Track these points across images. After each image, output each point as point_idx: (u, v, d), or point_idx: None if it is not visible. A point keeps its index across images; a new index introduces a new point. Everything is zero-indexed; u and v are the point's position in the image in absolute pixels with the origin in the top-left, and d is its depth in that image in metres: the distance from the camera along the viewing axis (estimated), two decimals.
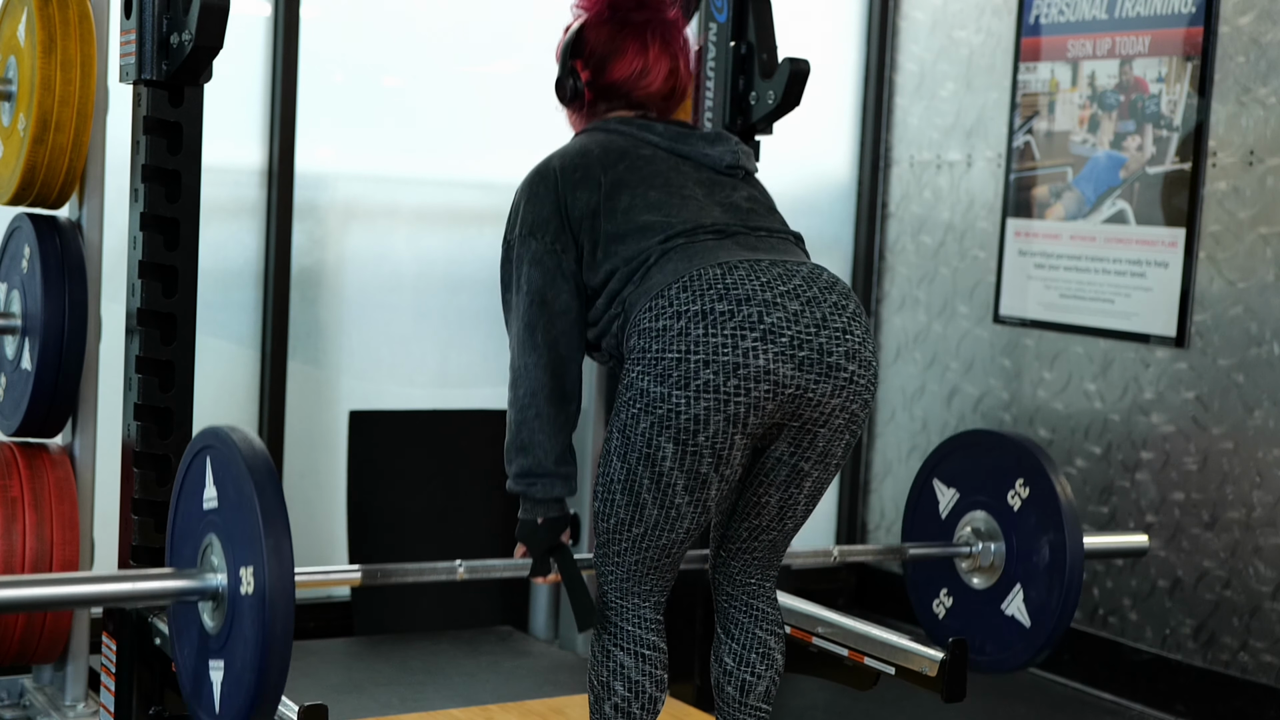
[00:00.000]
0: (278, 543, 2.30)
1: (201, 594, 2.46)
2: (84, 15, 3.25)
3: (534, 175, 2.70)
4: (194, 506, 2.53)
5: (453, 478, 4.74)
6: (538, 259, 2.61)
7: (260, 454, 2.40)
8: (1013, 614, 3.16)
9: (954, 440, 3.38)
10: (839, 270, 5.47)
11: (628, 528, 2.62)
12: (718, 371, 2.41)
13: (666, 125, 2.75)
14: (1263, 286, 4.20)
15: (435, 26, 4.77)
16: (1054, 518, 3.11)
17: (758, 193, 2.77)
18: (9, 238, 3.56)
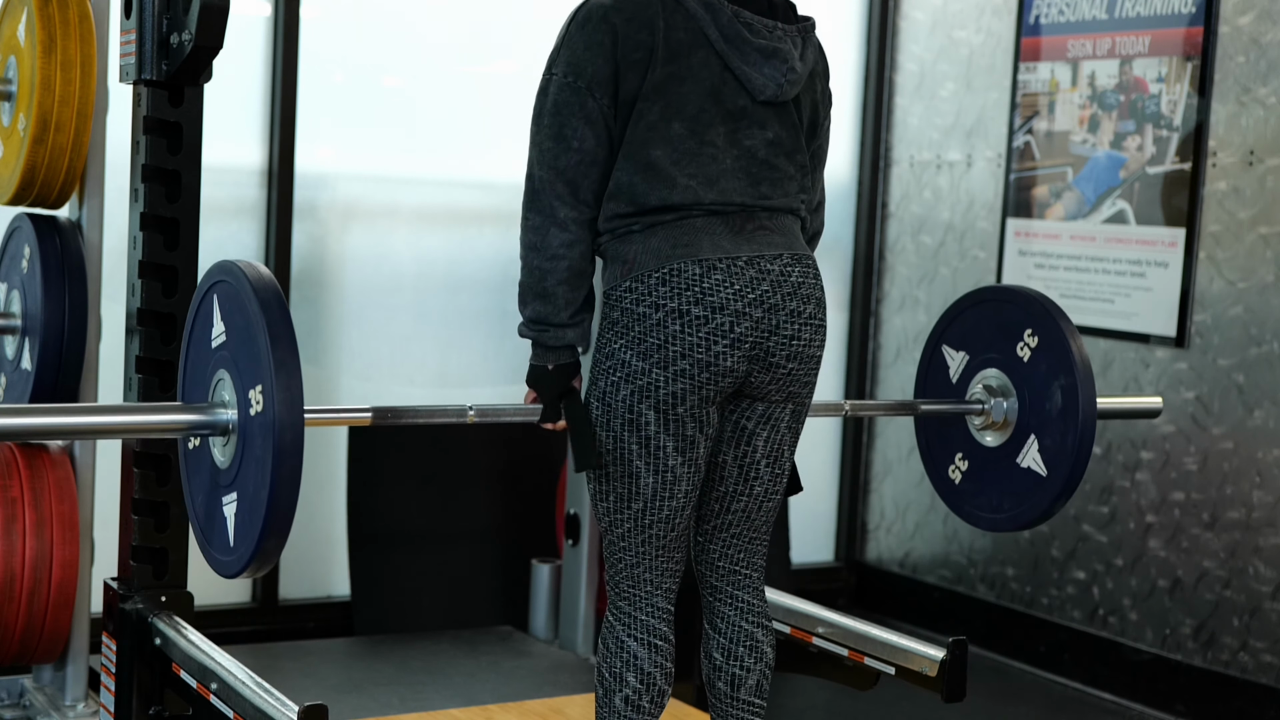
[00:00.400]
0: (284, 358, 2.30)
1: (212, 428, 2.44)
2: (84, 15, 3.25)
3: (593, 18, 2.64)
4: (203, 347, 2.52)
5: (452, 478, 4.74)
6: (592, 119, 2.63)
7: (267, 280, 2.39)
8: (1029, 465, 3.13)
9: (960, 302, 3.34)
10: (839, 271, 5.48)
11: (627, 503, 2.64)
12: (693, 364, 2.60)
13: (738, 9, 2.68)
14: (1263, 286, 4.20)
15: (435, 26, 4.77)
16: (1064, 361, 3.09)
17: (789, 129, 2.75)
18: (9, 238, 3.56)
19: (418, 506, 4.69)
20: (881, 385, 5.44)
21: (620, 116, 2.65)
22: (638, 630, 2.69)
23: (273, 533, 2.35)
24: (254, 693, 2.62)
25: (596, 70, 2.62)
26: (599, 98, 2.63)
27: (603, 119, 2.63)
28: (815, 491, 5.49)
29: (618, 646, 2.69)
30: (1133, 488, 4.53)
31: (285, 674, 4.08)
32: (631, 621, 2.69)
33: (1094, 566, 4.64)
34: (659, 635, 2.69)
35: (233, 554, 2.44)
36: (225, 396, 2.45)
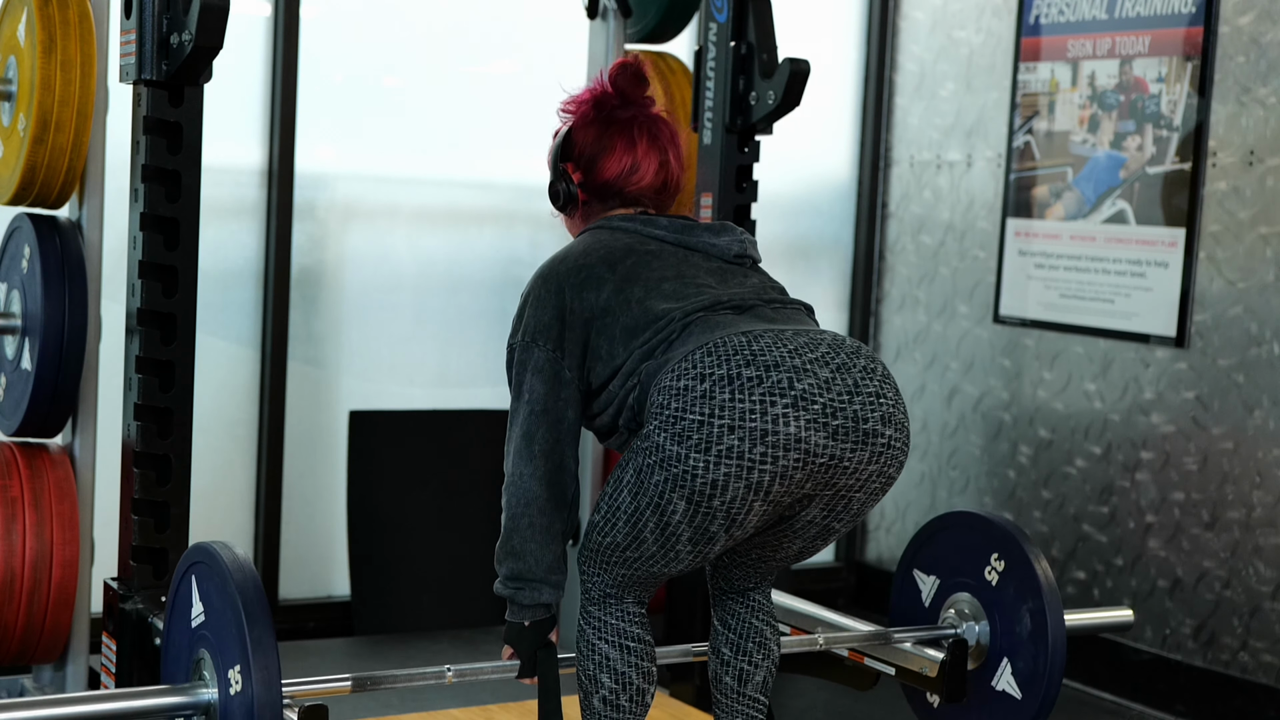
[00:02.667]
0: (260, 637, 2.38)
1: (194, 708, 2.48)
2: (84, 15, 3.25)
3: (538, 279, 2.67)
4: (184, 625, 2.56)
5: (452, 478, 4.74)
6: (539, 368, 2.61)
7: (242, 562, 2.45)
8: (1003, 689, 3.17)
9: (927, 528, 3.39)
10: (839, 271, 5.48)
11: (622, 550, 2.61)
12: (743, 438, 2.36)
13: (670, 219, 2.74)
14: (1263, 286, 4.20)
15: (435, 26, 4.77)
16: (1031, 585, 3.14)
17: (768, 280, 2.76)
18: (9, 238, 3.56)
19: (418, 507, 4.69)
20: None
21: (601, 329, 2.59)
22: (607, 633, 2.70)
23: None
24: None
25: (537, 320, 2.62)
26: (544, 345, 2.61)
27: (549, 365, 2.60)
28: None
29: (589, 649, 2.71)
30: (1133, 487, 4.53)
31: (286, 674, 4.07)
32: (601, 625, 2.71)
33: (1094, 566, 4.64)
34: (630, 637, 2.70)
35: None
36: (206, 675, 2.48)
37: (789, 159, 5.02)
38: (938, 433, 5.17)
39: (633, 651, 2.70)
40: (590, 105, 2.79)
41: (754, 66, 3.68)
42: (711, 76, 3.76)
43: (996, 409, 4.97)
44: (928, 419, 5.23)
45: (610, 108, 2.78)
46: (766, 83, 3.63)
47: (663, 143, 2.78)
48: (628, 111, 2.77)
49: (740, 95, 3.70)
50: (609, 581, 2.68)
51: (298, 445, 4.60)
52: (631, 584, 2.68)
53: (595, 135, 2.77)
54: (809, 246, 5.39)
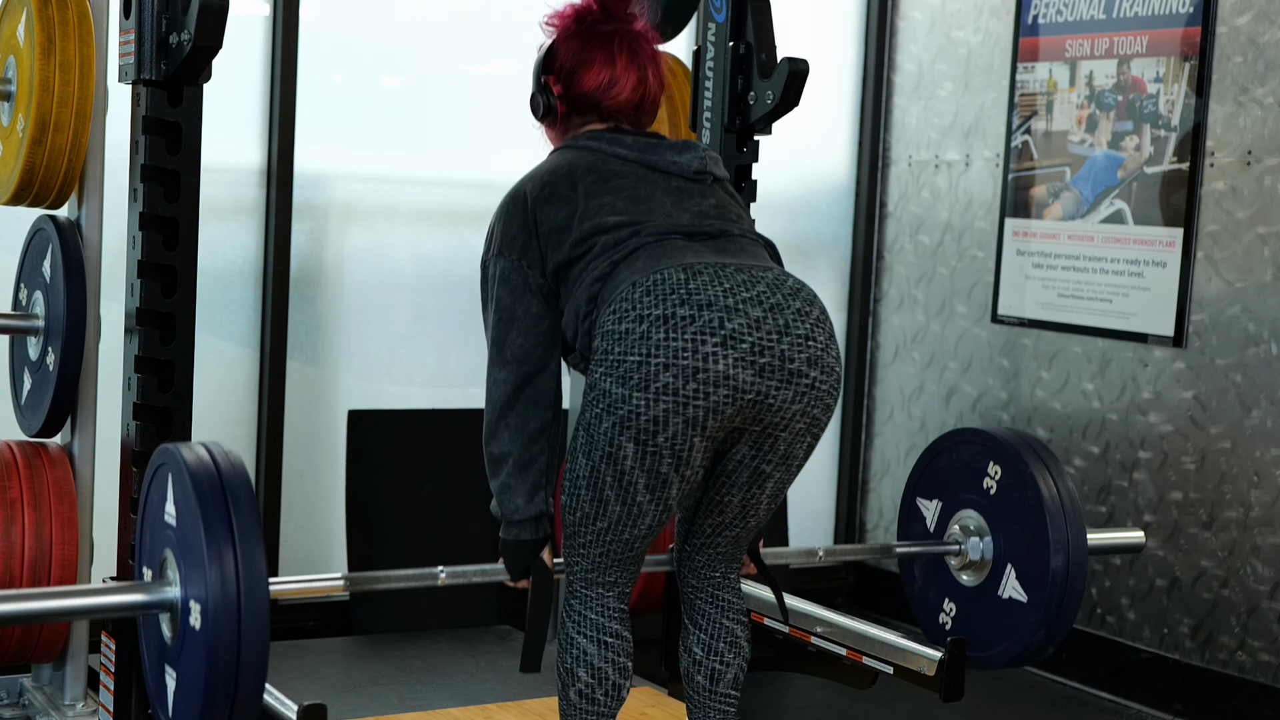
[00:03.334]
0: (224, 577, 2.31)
1: (158, 607, 2.46)
2: (83, 16, 3.25)
3: (507, 198, 2.75)
4: (155, 525, 2.55)
5: (451, 477, 4.74)
6: (505, 277, 2.67)
7: (204, 463, 2.40)
8: (1009, 596, 3.15)
9: (924, 455, 3.39)
10: (837, 271, 5.48)
11: (592, 521, 2.68)
12: (677, 375, 2.46)
13: (635, 137, 2.78)
14: (1260, 286, 4.20)
15: (435, 26, 4.77)
16: (1026, 485, 3.11)
17: (728, 199, 2.81)
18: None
19: (417, 506, 4.69)
20: (880, 385, 5.44)
21: (554, 240, 2.66)
22: (587, 628, 2.75)
23: (210, 712, 2.35)
24: None
25: (505, 231, 2.69)
26: (509, 255, 2.67)
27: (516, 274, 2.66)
28: (814, 491, 5.49)
29: (569, 643, 2.76)
30: (1131, 487, 4.53)
31: (284, 673, 4.08)
32: (582, 620, 2.76)
33: (1092, 566, 4.64)
34: (609, 633, 2.75)
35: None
36: (171, 575, 2.46)
37: (788, 159, 5.02)
38: (936, 432, 5.18)
39: (610, 647, 2.75)
40: (573, 19, 2.84)
41: (752, 66, 3.68)
42: (710, 76, 3.76)
43: (995, 408, 4.98)
44: (926, 418, 5.23)
45: (592, 21, 2.82)
46: (765, 83, 3.64)
47: (642, 59, 2.82)
48: (609, 26, 2.81)
49: (739, 95, 3.70)
50: (588, 565, 2.74)
51: (297, 444, 4.60)
52: (609, 563, 2.73)
53: (576, 48, 2.81)
54: (807, 246, 5.39)
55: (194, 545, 2.34)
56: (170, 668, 2.46)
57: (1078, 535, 3.09)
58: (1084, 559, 3.10)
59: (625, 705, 3.66)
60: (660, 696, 3.88)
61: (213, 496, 2.35)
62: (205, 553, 2.30)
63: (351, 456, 4.60)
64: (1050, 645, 3.16)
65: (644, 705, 3.79)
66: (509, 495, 2.67)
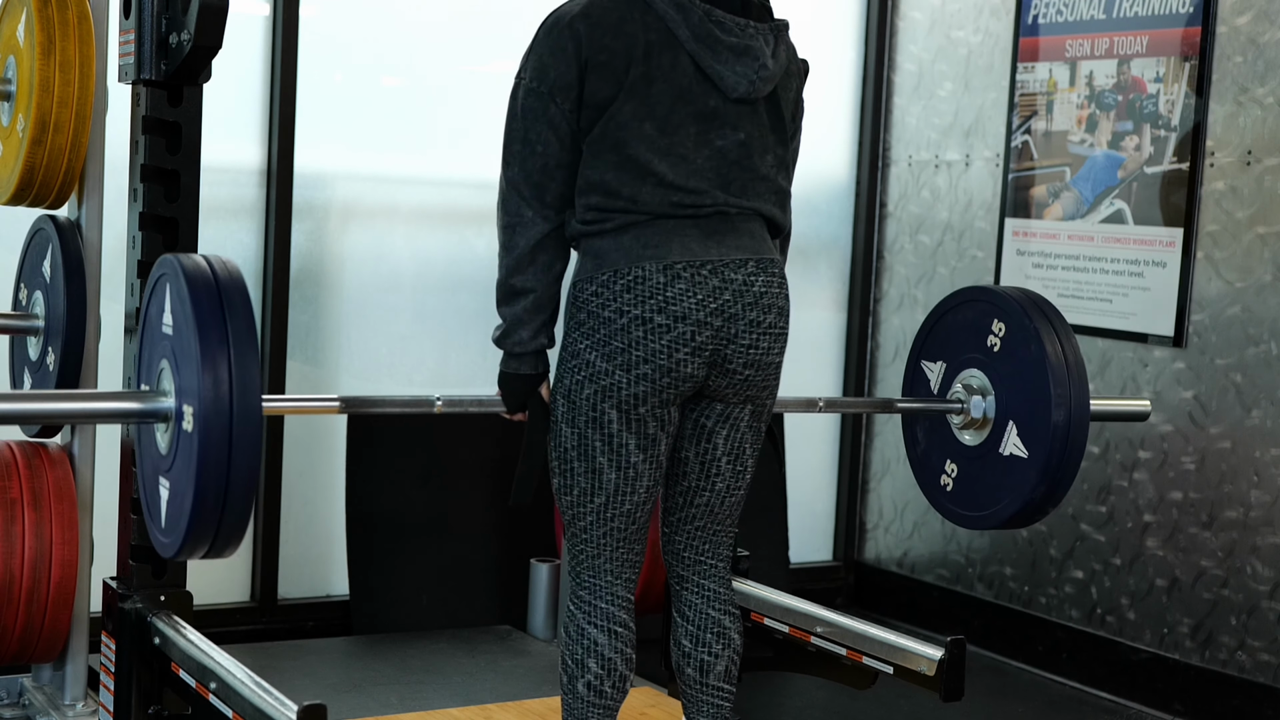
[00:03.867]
0: (216, 379, 2.29)
1: (153, 416, 2.46)
2: (83, 16, 3.25)
3: (561, 24, 2.70)
4: (154, 336, 2.53)
5: (451, 477, 4.74)
6: (555, 124, 2.69)
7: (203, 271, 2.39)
8: (1010, 452, 3.12)
9: (930, 317, 3.35)
10: (837, 270, 5.48)
11: (590, 497, 2.74)
12: (655, 369, 2.68)
13: (709, 7, 2.70)
14: (1260, 286, 4.20)
15: (435, 26, 4.77)
16: (1029, 340, 3.06)
17: (762, 128, 2.78)
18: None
19: (417, 505, 4.69)
20: (880, 385, 5.44)
21: (587, 119, 2.70)
22: (598, 618, 2.77)
23: (195, 534, 2.37)
24: (253, 692, 2.63)
25: (560, 75, 2.68)
26: (561, 103, 2.68)
27: (566, 124, 2.70)
28: (813, 491, 5.49)
29: (579, 634, 2.78)
30: (1130, 487, 4.53)
31: (284, 673, 4.08)
32: (592, 610, 2.78)
33: (1092, 566, 4.65)
34: (618, 623, 2.78)
35: (166, 537, 2.49)
36: (166, 385, 2.45)
37: None
38: None
39: (619, 637, 2.77)
40: None
41: None
42: None
43: None
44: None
45: None
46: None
47: None
48: None
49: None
50: (594, 550, 2.77)
51: (297, 444, 4.60)
52: (615, 543, 2.75)
53: None
54: (807, 246, 5.39)
55: (188, 351, 2.33)
56: (164, 478, 2.47)
57: (1080, 392, 3.06)
58: (1085, 416, 3.07)
59: (625, 705, 3.66)
60: (660, 696, 3.88)
61: (208, 303, 2.33)
62: (199, 358, 2.29)
63: (351, 456, 4.60)
64: (1050, 503, 3.12)
65: (644, 705, 3.79)
66: (518, 328, 2.73)
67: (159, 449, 2.50)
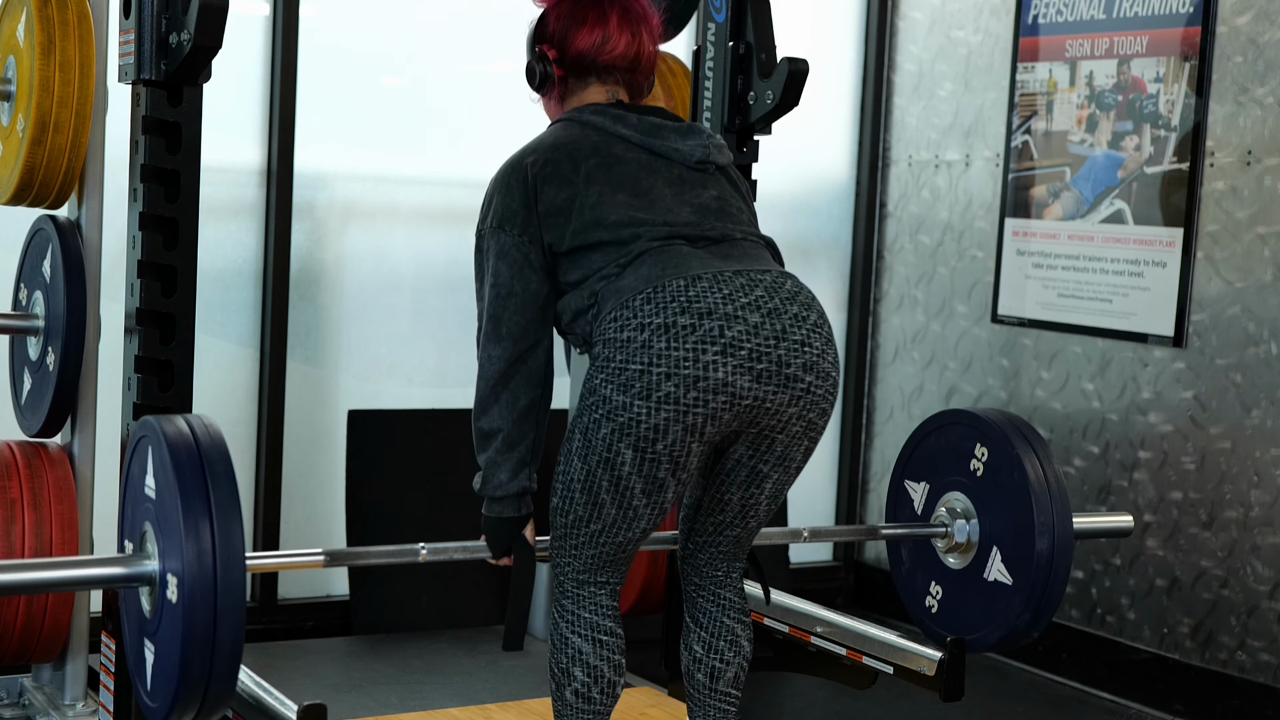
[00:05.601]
0: (200, 551, 2.30)
1: (137, 580, 2.46)
2: (83, 16, 3.25)
3: (507, 167, 2.74)
4: (136, 497, 2.54)
5: (451, 477, 4.74)
6: (505, 251, 2.66)
7: (185, 437, 2.39)
8: (995, 578, 3.14)
9: (913, 436, 3.37)
10: (837, 271, 5.48)
11: (585, 524, 2.68)
12: (679, 384, 2.49)
13: (640, 116, 2.77)
14: (1260, 286, 4.20)
15: (435, 26, 4.77)
16: (1012, 466, 3.09)
17: (729, 190, 2.81)
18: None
19: (417, 505, 4.69)
20: (880, 384, 5.44)
21: (554, 228, 2.66)
22: (581, 627, 2.76)
23: (182, 703, 2.35)
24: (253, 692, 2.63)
25: (512, 209, 2.68)
26: (510, 230, 2.66)
27: (518, 252, 2.66)
28: (814, 490, 5.49)
29: (563, 643, 2.77)
30: (1130, 487, 4.53)
31: (284, 673, 4.08)
32: (575, 619, 2.76)
33: (1092, 566, 4.65)
34: (603, 630, 2.76)
35: (154, 701, 2.46)
36: (150, 549, 2.45)
37: (787, 159, 5.02)
38: None
39: (605, 645, 2.76)
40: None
41: (752, 66, 3.68)
42: (710, 76, 3.76)
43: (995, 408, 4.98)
44: (926, 418, 5.23)
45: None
46: (765, 83, 3.64)
47: (634, 17, 2.84)
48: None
49: (739, 95, 3.70)
50: (580, 567, 2.74)
51: (297, 444, 4.60)
52: (602, 564, 2.73)
53: (568, 11, 2.84)
54: (807, 246, 5.40)
55: (172, 519, 2.34)
56: (149, 640, 2.46)
57: (1063, 518, 3.08)
58: (1069, 542, 3.09)
59: (625, 705, 3.67)
60: (660, 696, 3.88)
61: (191, 470, 2.34)
62: (182, 527, 2.30)
63: (351, 456, 4.60)
64: (1035, 629, 3.14)
65: (644, 705, 3.79)
66: (494, 470, 2.67)
67: (143, 610, 2.48)
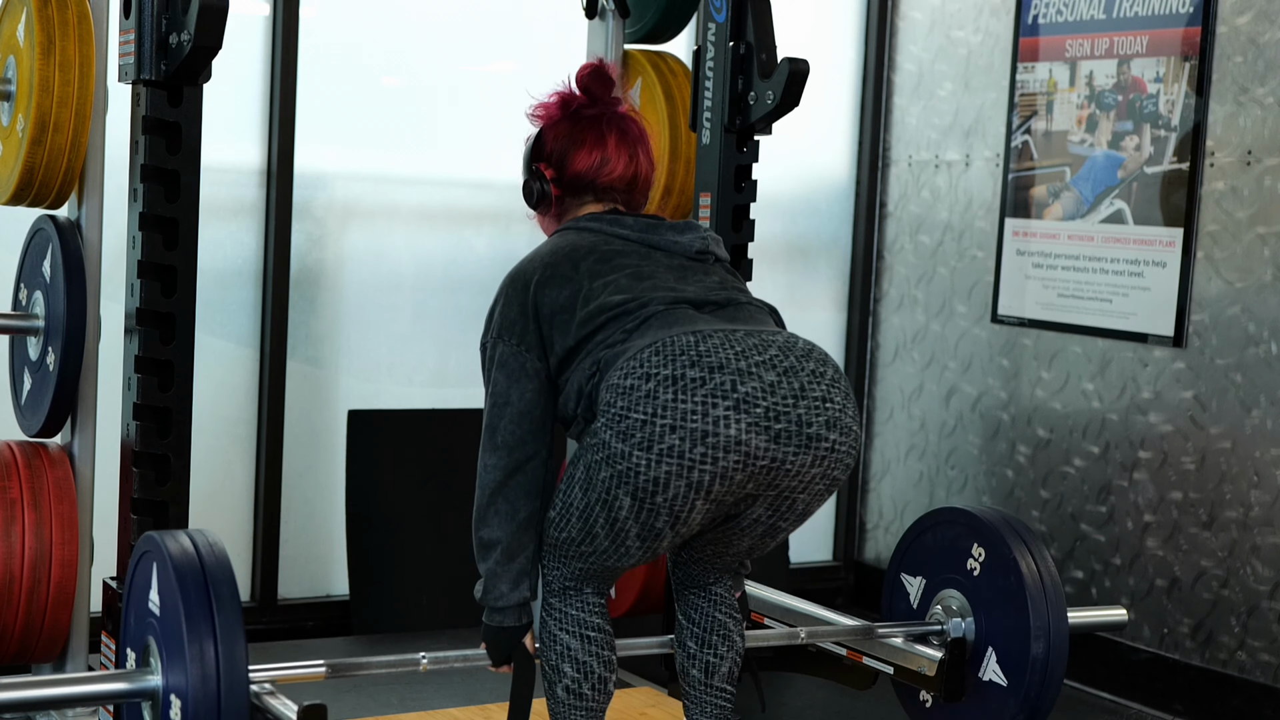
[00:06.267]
0: (204, 674, 2.31)
1: (140, 695, 2.48)
2: (83, 16, 3.25)
3: (509, 279, 2.74)
4: (140, 611, 2.56)
5: (451, 477, 4.74)
6: (503, 361, 2.67)
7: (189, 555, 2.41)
8: (990, 678, 3.17)
9: (911, 530, 3.40)
10: (837, 271, 5.48)
11: (577, 545, 2.68)
12: (684, 438, 2.42)
13: (636, 218, 2.79)
14: (1260, 286, 4.20)
15: (435, 26, 4.77)
16: (1009, 568, 3.13)
17: (729, 279, 2.80)
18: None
19: (417, 506, 4.69)
20: (880, 384, 5.44)
21: (558, 321, 2.64)
22: (569, 624, 2.77)
23: None
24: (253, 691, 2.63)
25: (513, 319, 2.67)
26: (509, 340, 2.66)
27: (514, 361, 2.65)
28: None
29: (551, 640, 2.78)
30: (1130, 487, 4.53)
31: None
32: (563, 617, 2.77)
33: (1092, 566, 4.65)
34: (591, 627, 2.77)
35: None
36: (153, 663, 2.47)
37: (788, 159, 5.02)
38: (936, 432, 5.18)
39: (593, 641, 2.76)
40: (558, 106, 2.86)
41: (753, 66, 3.68)
42: (710, 76, 3.76)
43: (995, 408, 4.98)
44: (926, 418, 5.23)
45: (578, 106, 2.84)
46: (765, 83, 3.64)
47: (631, 139, 2.84)
48: (595, 110, 2.84)
49: (739, 95, 3.70)
50: (567, 575, 2.75)
51: (297, 444, 4.60)
52: (589, 576, 2.75)
53: (565, 132, 2.83)
54: (807, 246, 5.40)
55: (176, 637, 2.36)
56: None
57: (1059, 621, 3.11)
58: (1064, 644, 3.14)
59: (626, 705, 3.67)
60: (660, 696, 3.88)
61: (195, 591, 2.36)
62: (186, 648, 2.32)
63: (351, 456, 4.60)
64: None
65: (644, 705, 3.79)
66: (495, 582, 2.68)
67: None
